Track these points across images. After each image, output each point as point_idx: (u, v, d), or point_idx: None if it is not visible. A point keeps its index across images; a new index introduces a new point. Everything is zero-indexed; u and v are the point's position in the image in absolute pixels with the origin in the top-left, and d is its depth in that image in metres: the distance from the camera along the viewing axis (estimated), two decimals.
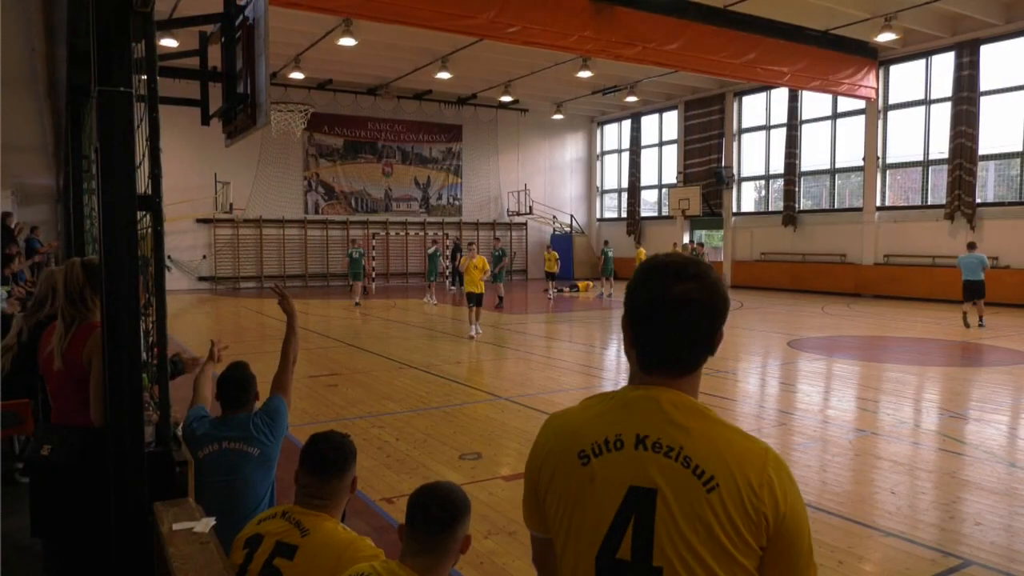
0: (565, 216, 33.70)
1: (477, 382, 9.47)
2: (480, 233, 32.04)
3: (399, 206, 30.62)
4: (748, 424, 7.43)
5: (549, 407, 7.94)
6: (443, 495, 2.13)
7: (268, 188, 27.74)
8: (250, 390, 3.44)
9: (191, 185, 25.33)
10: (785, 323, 16.42)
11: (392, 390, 9.03)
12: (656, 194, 32.83)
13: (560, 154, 34.49)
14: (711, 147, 28.66)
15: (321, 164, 28.93)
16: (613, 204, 35.37)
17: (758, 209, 28.19)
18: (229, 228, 27.22)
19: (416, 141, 30.75)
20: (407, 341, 13.84)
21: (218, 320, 17.71)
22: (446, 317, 18.59)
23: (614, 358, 12.33)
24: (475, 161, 32.14)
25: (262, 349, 12.82)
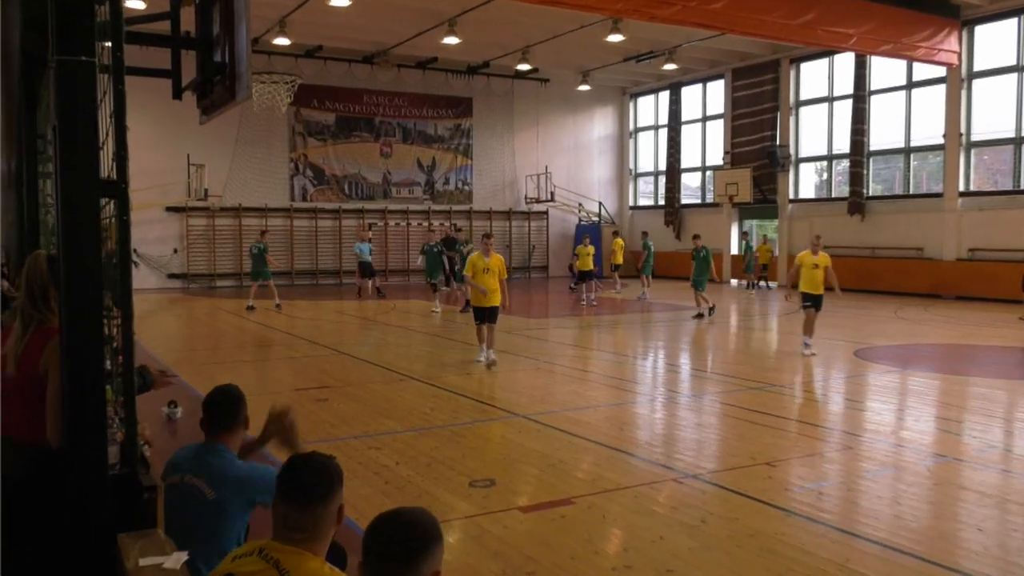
0: (592, 203, 33.66)
1: (490, 397, 9.47)
2: (494, 223, 32.07)
3: (400, 192, 30.73)
4: (808, 448, 7.39)
5: (575, 427, 7.93)
6: (406, 522, 2.09)
7: (249, 172, 27.93)
8: (234, 414, 3.45)
9: (161, 169, 25.56)
10: (851, 329, 16.29)
11: (391, 406, 9.06)
12: (699, 178, 32.68)
13: (586, 131, 34.44)
14: (763, 123, 28.49)
15: (310, 144, 29.09)
16: (648, 189, 35.25)
17: (819, 195, 27.98)
18: (204, 218, 27.43)
19: (419, 117, 30.84)
20: (408, 349, 13.87)
21: (191, 324, 17.85)
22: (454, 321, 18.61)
23: (650, 370, 12.28)
24: (488, 140, 32.18)
25: (240, 358, 12.90)
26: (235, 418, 3.44)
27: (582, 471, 6.62)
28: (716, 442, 7.66)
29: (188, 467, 3.30)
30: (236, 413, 3.45)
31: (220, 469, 3.28)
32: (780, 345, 15.01)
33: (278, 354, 13.26)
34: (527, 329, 16.66)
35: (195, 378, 10.63)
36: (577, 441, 7.47)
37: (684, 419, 8.61)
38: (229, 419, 3.42)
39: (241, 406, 3.48)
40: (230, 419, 3.43)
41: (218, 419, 3.42)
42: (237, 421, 3.44)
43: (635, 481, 6.31)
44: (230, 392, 3.50)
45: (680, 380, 11.12)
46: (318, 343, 14.17)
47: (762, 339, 16.20)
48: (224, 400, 3.46)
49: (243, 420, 3.47)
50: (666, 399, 9.66)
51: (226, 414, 3.43)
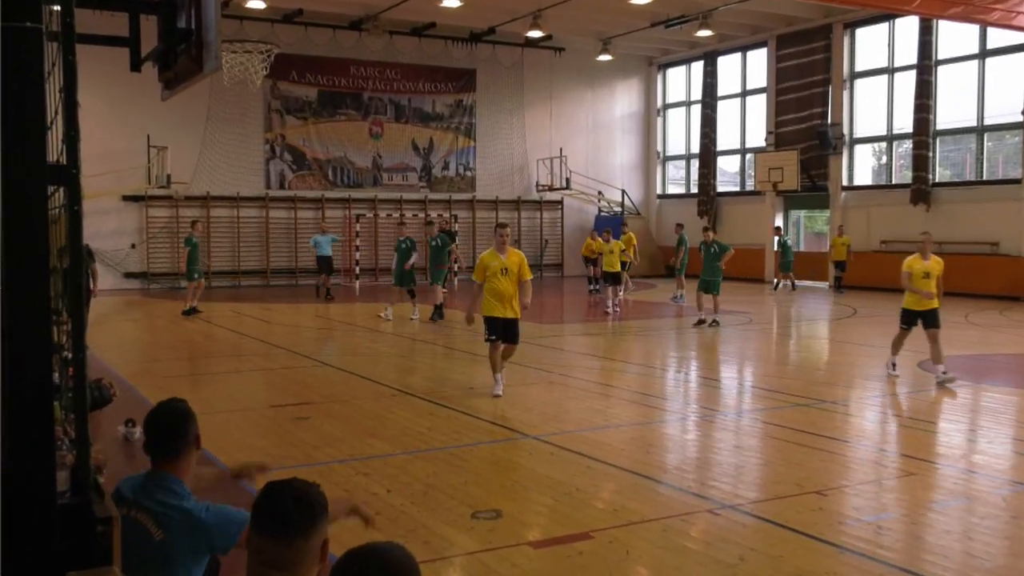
0: (614, 191, 33.66)
1: (497, 415, 9.48)
2: (500, 214, 32.10)
3: (392, 178, 30.80)
4: (865, 474, 7.36)
5: (594, 449, 7.93)
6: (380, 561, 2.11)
7: (218, 155, 28.04)
8: (181, 436, 3.40)
9: (116, 152, 25.65)
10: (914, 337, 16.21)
11: (382, 425, 9.07)
12: (737, 162, 32.63)
13: (608, 108, 34.45)
14: (812, 98, 28.43)
15: (288, 123, 29.19)
16: (679, 175, 35.22)
17: (877, 181, 27.90)
18: (166, 208, 27.54)
19: (414, 92, 30.91)
20: (402, 359, 13.88)
21: (151, 331, 17.92)
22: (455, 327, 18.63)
23: (681, 384, 12.26)
24: (493, 118, 32.22)
25: (209, 369, 12.94)
26: (182, 441, 3.40)
27: (602, 500, 6.61)
28: (757, 467, 7.63)
29: (132, 501, 3.28)
30: (183, 435, 3.41)
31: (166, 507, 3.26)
32: (832, 355, 14.96)
33: (252, 365, 13.30)
34: (539, 337, 16.66)
35: (157, 393, 10.64)
36: (596, 466, 7.46)
37: (720, 441, 8.59)
38: (175, 443, 3.39)
39: (188, 425, 3.43)
40: (176, 442, 3.39)
41: (163, 443, 3.38)
42: (186, 444, 3.42)
43: (663, 512, 6.30)
44: (174, 410, 3.46)
45: (716, 396, 11.09)
46: (298, 352, 14.19)
47: (811, 348, 16.16)
48: (168, 420, 3.41)
49: (193, 441, 3.44)
50: (699, 418, 9.64)
51: (171, 437, 3.37)
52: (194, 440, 3.45)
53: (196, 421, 3.48)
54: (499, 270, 10.10)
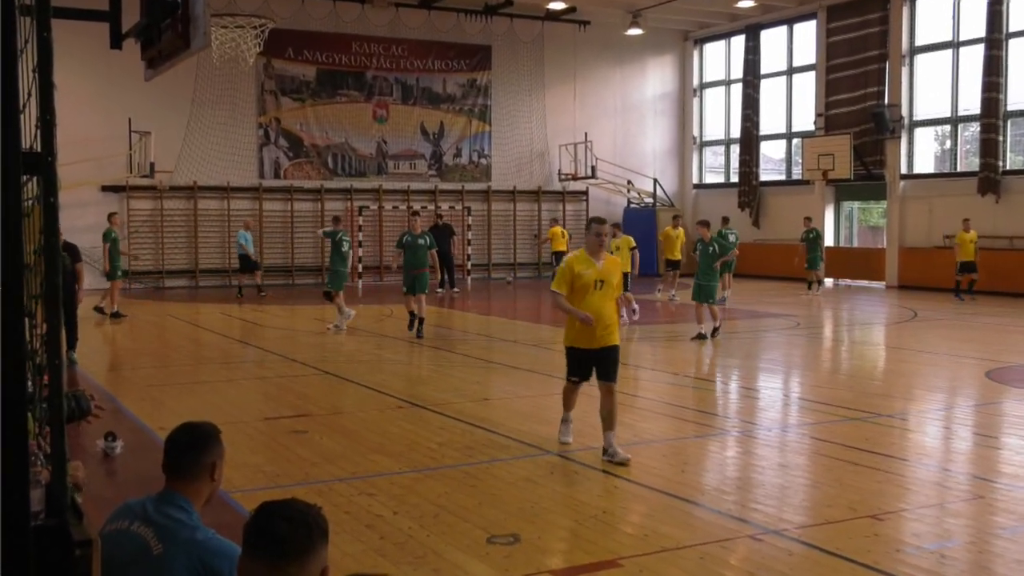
0: (645, 181, 33.62)
1: (514, 430, 9.48)
2: (518, 206, 32.12)
3: (398, 166, 30.88)
4: (927, 495, 7.32)
5: (620, 468, 7.92)
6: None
7: (206, 141, 28.18)
8: (197, 458, 3.48)
9: (95, 137, 25.83)
10: (983, 343, 16.13)
11: (388, 440, 9.10)
12: (783, 147, 32.48)
13: (638, 88, 34.39)
14: (867, 76, 28.28)
15: (283, 105, 29.31)
16: (718, 163, 35.12)
17: (940, 169, 27.72)
18: (149, 199, 27.71)
19: (423, 70, 30.96)
20: (409, 367, 13.92)
21: (133, 335, 18.03)
22: (468, 332, 18.62)
23: (719, 394, 12.22)
24: (511, 100, 32.24)
25: (197, 378, 13.01)
26: (198, 464, 3.46)
27: (631, 524, 6.61)
28: (805, 488, 7.61)
29: (138, 514, 3.34)
30: (200, 457, 3.47)
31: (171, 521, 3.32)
32: (889, 363, 14.88)
33: (244, 373, 13.36)
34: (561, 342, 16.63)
35: (139, 404, 10.75)
36: (625, 486, 7.46)
37: (763, 458, 8.57)
38: (191, 464, 3.45)
39: (209, 450, 3.49)
40: (192, 464, 3.46)
41: (178, 462, 3.46)
42: (202, 468, 3.47)
43: (700, 538, 6.29)
44: (197, 429, 3.53)
45: (758, 408, 11.06)
46: (294, 359, 14.25)
47: (865, 355, 16.08)
48: (188, 439, 3.50)
49: (209, 467, 3.49)
50: (740, 433, 9.62)
51: (188, 457, 3.46)
52: (210, 468, 3.49)
53: (221, 450, 3.53)
54: (593, 282, 8.24)
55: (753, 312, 20.77)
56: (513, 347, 15.93)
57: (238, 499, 6.89)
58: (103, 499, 6.28)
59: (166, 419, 9.53)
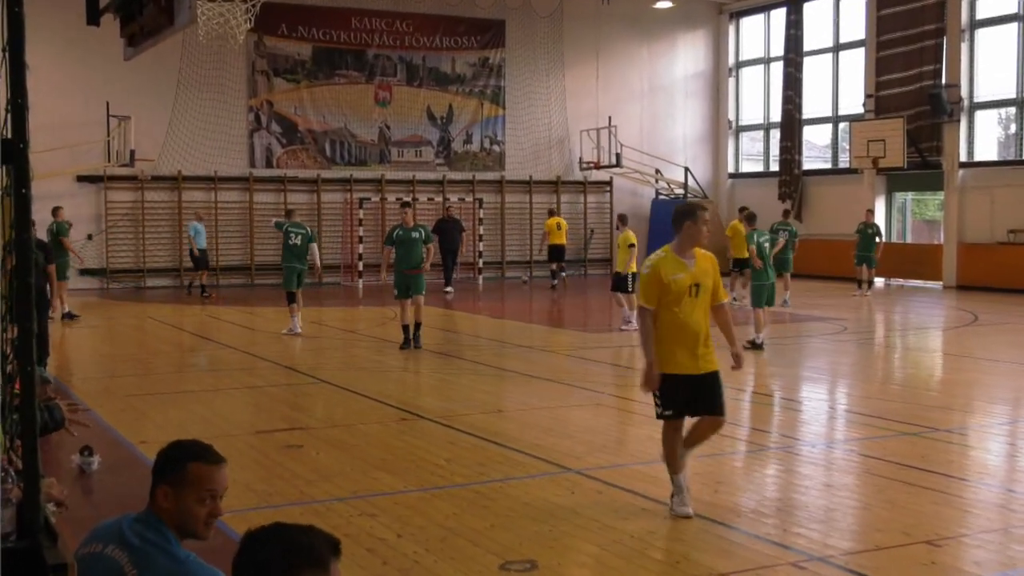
0: (675, 169, 33.58)
1: (531, 445, 9.47)
2: (535, 198, 32.09)
3: (403, 154, 30.92)
4: (988, 519, 7.27)
5: (651, 486, 7.90)
6: None
7: (192, 127, 28.29)
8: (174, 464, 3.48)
9: (70, 123, 25.96)
10: None
11: (391, 455, 9.10)
12: (829, 133, 32.36)
13: (667, 68, 34.33)
14: (922, 53, 28.15)
15: (276, 87, 29.39)
16: (756, 150, 35.01)
17: (1003, 156, 27.57)
18: (130, 191, 27.82)
19: (430, 48, 31.00)
20: (414, 376, 13.92)
21: (110, 340, 18.09)
22: (479, 336, 18.61)
23: (758, 408, 12.18)
24: (527, 80, 32.24)
25: (181, 387, 13.05)
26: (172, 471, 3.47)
27: (660, 550, 6.59)
28: (853, 511, 7.58)
29: (113, 536, 3.35)
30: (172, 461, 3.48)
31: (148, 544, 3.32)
32: (948, 372, 14.81)
33: (233, 382, 13.39)
34: (584, 348, 16.62)
35: (118, 415, 10.78)
36: (654, 507, 7.44)
37: (807, 477, 8.54)
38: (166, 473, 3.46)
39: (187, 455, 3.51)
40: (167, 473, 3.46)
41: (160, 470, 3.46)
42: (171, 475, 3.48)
43: (737, 565, 6.27)
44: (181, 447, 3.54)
45: (801, 422, 11.02)
46: (290, 367, 14.28)
47: (920, 363, 16.01)
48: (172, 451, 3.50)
49: None
50: (781, 449, 9.58)
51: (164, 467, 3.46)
52: None
53: None
54: (687, 288, 7.24)
55: (795, 315, 20.70)
56: (529, 353, 15.91)
57: (226, 520, 6.89)
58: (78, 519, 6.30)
59: (148, 432, 9.57)
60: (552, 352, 16.18)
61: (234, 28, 22.09)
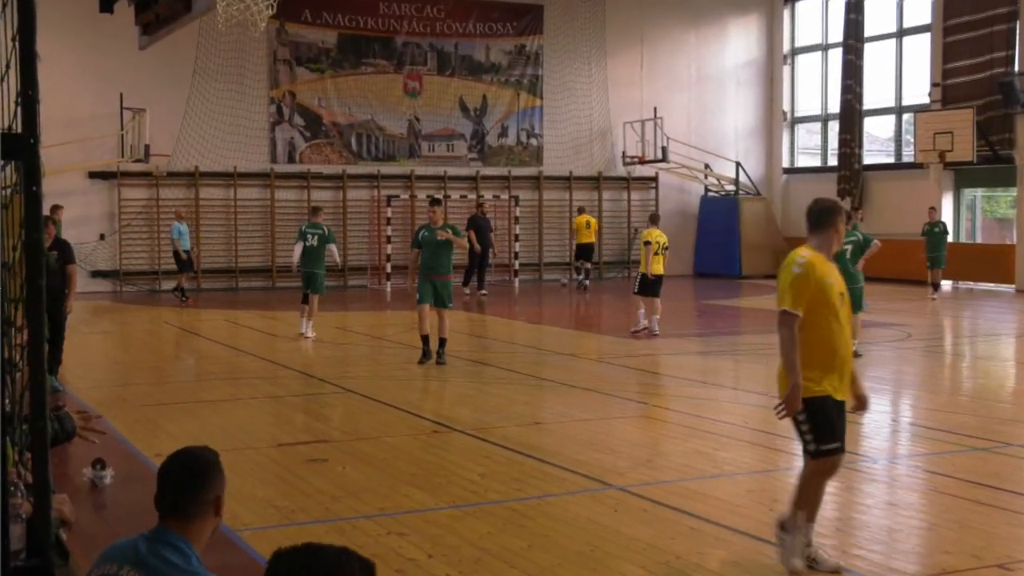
0: (725, 164, 33.42)
1: (571, 459, 9.45)
2: (575, 195, 32.03)
3: (433, 148, 30.96)
4: None
5: (699, 504, 7.87)
6: None
7: (210, 120, 28.46)
8: (198, 491, 3.49)
9: (81, 116, 26.20)
10: None
11: (421, 470, 9.11)
12: (892, 125, 32.10)
13: (717, 55, 34.20)
14: (994, 38, 27.89)
15: (300, 77, 29.52)
16: (813, 143, 34.80)
17: None
18: (144, 188, 28.05)
19: (463, 35, 31.03)
20: (448, 385, 13.92)
21: (124, 345, 18.24)
22: (514, 343, 18.60)
23: None
24: (566, 69, 32.20)
25: (198, 396, 13.14)
26: (199, 499, 3.47)
27: (711, 573, 6.56)
28: (918, 531, 7.52)
29: (128, 557, 3.36)
30: (201, 490, 3.48)
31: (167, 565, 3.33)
32: (1020, 383, 14.65)
33: (254, 391, 13.46)
34: (627, 355, 16.57)
35: (132, 427, 10.86)
36: (703, 527, 7.41)
37: (868, 495, 8.47)
38: (191, 500, 3.46)
39: (212, 480, 3.50)
40: (192, 500, 3.46)
41: (174, 496, 3.46)
42: (203, 504, 3.48)
43: None
44: (198, 459, 3.54)
45: (862, 435, 10.93)
46: (312, 375, 14.33)
47: (991, 372, 15.85)
48: (187, 469, 3.50)
49: (213, 502, 3.51)
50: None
51: (186, 490, 3.46)
52: (214, 502, 3.50)
53: (223, 479, 3.55)
54: (839, 295, 6.64)
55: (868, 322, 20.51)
56: (568, 361, 15.90)
57: (247, 539, 6.94)
58: (90, 537, 6.36)
59: (163, 444, 9.64)
60: (593, 359, 16.15)
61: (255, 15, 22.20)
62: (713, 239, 32.50)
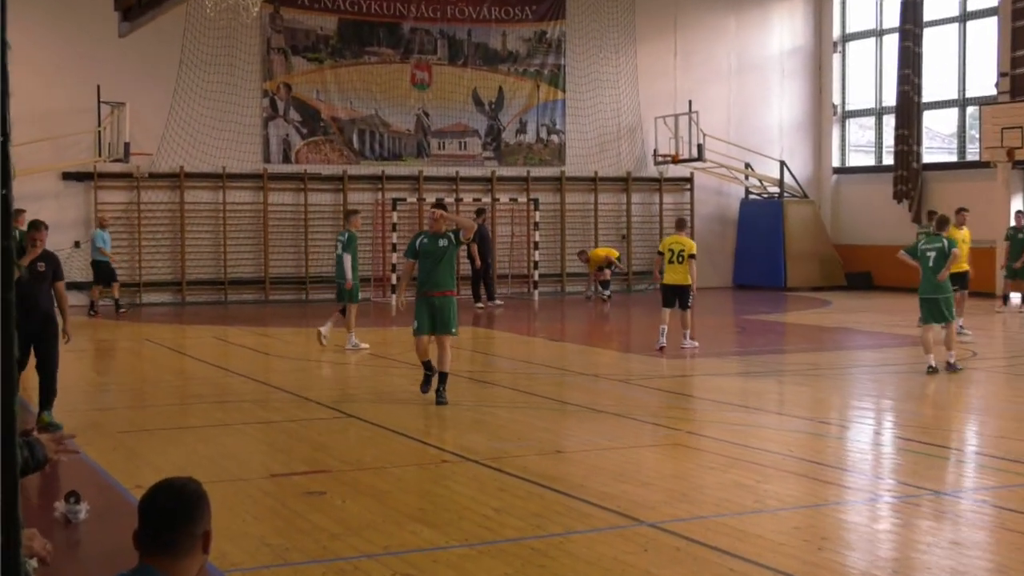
0: (769, 164, 33.39)
1: (596, 493, 9.43)
2: (601, 198, 32.01)
3: (444, 146, 31.00)
4: None
5: (740, 544, 7.84)
6: None
7: (197, 115, 28.56)
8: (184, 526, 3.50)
9: (55, 110, 26.30)
10: None
11: (430, 504, 9.11)
12: (954, 118, 32.00)
13: (760, 42, 34.20)
14: None
15: (296, 67, 29.60)
16: (866, 140, 34.73)
17: None
18: (124, 190, 28.14)
19: (476, 20, 31.07)
20: (457, 408, 13.90)
21: (101, 366, 18.27)
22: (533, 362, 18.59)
23: (869, 448, 12.06)
24: (591, 58, 32.24)
25: (183, 422, 13.16)
26: (185, 532, 3.49)
27: None
28: (987, 573, 7.47)
29: None
30: (188, 524, 3.49)
31: None
32: None
33: (244, 415, 13.47)
34: (658, 375, 16.55)
35: (110, 455, 10.88)
36: (744, 568, 7.39)
37: (928, 532, 8.44)
38: (176, 532, 3.47)
39: (199, 513, 3.52)
40: (177, 533, 3.48)
41: (157, 531, 3.47)
42: (190, 539, 3.50)
43: None
44: (184, 490, 3.55)
45: (921, 466, 10.89)
46: (308, 398, 14.33)
47: None
48: (172, 501, 3.51)
49: (200, 537, 3.52)
50: (897, 498, 9.46)
51: (170, 524, 3.47)
52: (202, 538, 3.52)
53: (209, 512, 3.56)
54: None
55: (913, 337, 20.45)
56: (594, 383, 15.89)
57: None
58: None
59: (144, 475, 9.64)
60: (621, 380, 16.12)
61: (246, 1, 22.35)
62: (754, 247, 32.41)
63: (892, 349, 19.46)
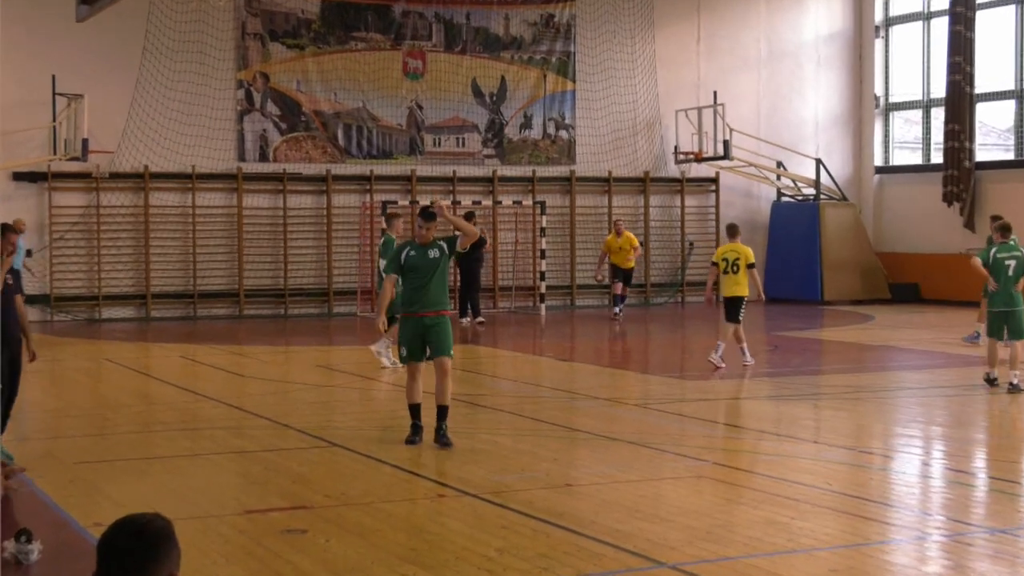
0: (803, 162, 33.42)
1: (610, 530, 9.44)
2: (615, 199, 32.03)
3: (439, 143, 31.04)
4: None
5: None
6: None
7: (163, 109, 28.60)
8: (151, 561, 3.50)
9: (6, 103, 26.27)
10: None
11: (424, 543, 9.11)
12: (1011, 111, 32.02)
13: (793, 28, 34.28)
14: None
15: (274, 55, 29.66)
16: (912, 135, 34.73)
17: None
18: (82, 192, 28.21)
19: (476, 2, 31.13)
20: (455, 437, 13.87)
21: (56, 389, 18.27)
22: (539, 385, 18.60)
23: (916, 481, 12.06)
24: (604, 44, 32.31)
25: (147, 452, 13.16)
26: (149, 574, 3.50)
27: None
28: None
29: None
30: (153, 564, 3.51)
31: None
32: None
33: (216, 444, 13.48)
34: (679, 399, 16.55)
35: (65, 489, 10.87)
36: None
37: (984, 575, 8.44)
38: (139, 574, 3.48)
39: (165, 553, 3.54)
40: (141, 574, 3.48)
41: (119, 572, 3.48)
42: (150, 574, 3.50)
43: None
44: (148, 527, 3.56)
45: (974, 501, 10.89)
46: (289, 425, 14.33)
47: None
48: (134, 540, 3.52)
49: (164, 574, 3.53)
50: (948, 537, 9.47)
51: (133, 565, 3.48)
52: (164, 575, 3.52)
53: (178, 553, 3.57)
54: None
55: (966, 357, 20.45)
56: (608, 408, 15.90)
57: None
58: None
59: (104, 512, 9.65)
60: (638, 405, 16.12)
61: None
62: (788, 255, 32.37)
63: (942, 370, 19.43)
